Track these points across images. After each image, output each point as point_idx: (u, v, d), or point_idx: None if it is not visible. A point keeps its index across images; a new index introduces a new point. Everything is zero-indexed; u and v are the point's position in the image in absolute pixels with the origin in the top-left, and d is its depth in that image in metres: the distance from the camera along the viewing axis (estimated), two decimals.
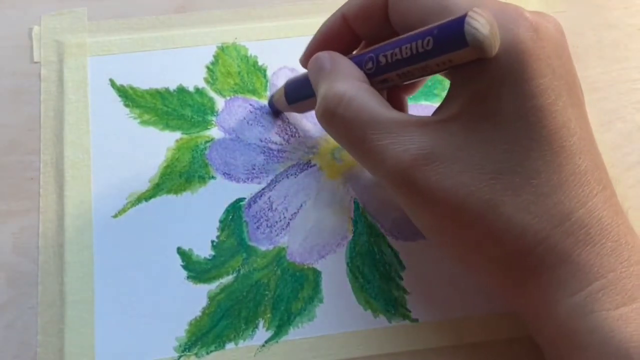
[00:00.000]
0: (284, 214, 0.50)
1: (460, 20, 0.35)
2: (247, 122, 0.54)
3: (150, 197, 0.50)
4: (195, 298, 0.47)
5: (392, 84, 0.42)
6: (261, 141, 0.53)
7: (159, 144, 0.52)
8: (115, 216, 0.49)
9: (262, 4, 0.59)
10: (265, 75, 0.56)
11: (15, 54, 0.56)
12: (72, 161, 0.51)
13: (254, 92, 0.55)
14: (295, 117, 0.54)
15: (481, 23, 0.35)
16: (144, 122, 0.53)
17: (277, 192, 0.51)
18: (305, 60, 0.48)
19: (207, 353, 0.45)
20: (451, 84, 0.40)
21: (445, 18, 0.37)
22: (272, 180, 0.51)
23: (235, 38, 0.57)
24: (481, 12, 0.35)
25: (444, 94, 0.54)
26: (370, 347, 0.46)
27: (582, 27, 0.60)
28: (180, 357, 0.45)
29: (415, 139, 0.38)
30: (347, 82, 0.41)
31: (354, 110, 0.40)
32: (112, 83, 0.54)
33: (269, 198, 0.51)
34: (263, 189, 0.51)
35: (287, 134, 0.53)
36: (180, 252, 0.48)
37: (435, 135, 0.38)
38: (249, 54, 0.57)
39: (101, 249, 0.48)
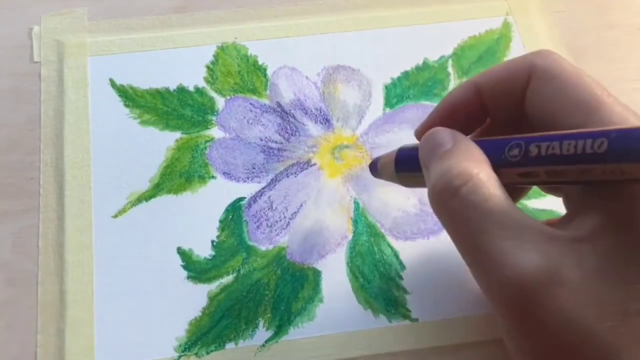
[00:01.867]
0: (284, 213, 0.50)
1: None
2: (247, 121, 0.54)
3: (150, 197, 0.50)
4: (196, 298, 0.47)
5: (532, 180, 0.36)
6: (261, 140, 0.53)
7: (159, 144, 0.52)
8: (115, 216, 0.49)
9: (262, 4, 0.59)
10: (265, 75, 0.56)
11: (15, 54, 0.56)
12: (72, 161, 0.51)
13: (254, 91, 0.55)
14: (295, 115, 0.54)
15: None
16: (144, 122, 0.53)
17: (277, 191, 0.51)
18: (422, 132, 0.42)
19: (207, 353, 0.45)
20: (582, 195, 0.35)
21: (595, 116, 0.34)
22: (272, 180, 0.51)
23: (235, 38, 0.57)
24: None
25: (444, 93, 0.55)
26: (370, 347, 0.46)
27: (582, 27, 0.60)
28: (180, 357, 0.45)
29: (543, 249, 0.33)
30: (476, 163, 0.36)
31: (481, 195, 0.34)
32: (112, 83, 0.54)
33: (269, 197, 0.51)
34: (263, 188, 0.51)
35: (287, 132, 0.53)
36: (180, 252, 0.48)
37: (564, 253, 0.33)
38: (249, 54, 0.57)
39: (101, 249, 0.48)
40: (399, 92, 0.56)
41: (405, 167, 0.43)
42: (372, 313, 0.47)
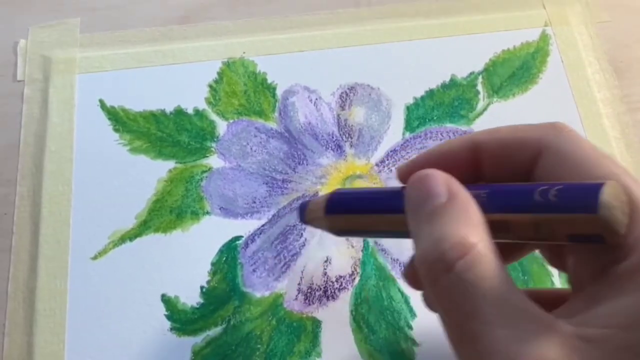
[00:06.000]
0: (284, 254, 0.47)
1: (598, 185, 0.29)
2: (251, 148, 0.51)
3: (135, 236, 0.47)
4: (179, 352, 0.44)
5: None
6: (265, 170, 0.50)
7: (149, 175, 0.50)
8: (95, 258, 0.47)
9: (276, 13, 0.56)
10: (274, 95, 0.53)
11: None
12: (51, 194, 0.48)
13: (260, 113, 0.52)
14: (304, 141, 0.51)
15: (620, 200, 0.30)
16: (134, 149, 0.50)
17: (278, 229, 0.48)
18: (406, 173, 0.37)
19: None
20: (591, 281, 0.33)
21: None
22: (273, 216, 0.49)
23: (244, 52, 0.54)
24: (622, 188, 0.30)
25: (470, 115, 0.54)
26: None
27: (627, 40, 0.58)
28: None
29: (542, 343, 0.29)
30: (474, 228, 0.32)
31: (478, 274, 0.31)
32: (102, 104, 0.52)
33: (268, 237, 0.48)
34: (263, 225, 0.48)
35: (294, 161, 0.51)
36: (165, 299, 0.46)
37: (568, 350, 0.29)
38: (257, 70, 0.54)
39: (76, 295, 0.46)
40: (421, 113, 0.53)
41: (339, 208, 0.38)
42: None
